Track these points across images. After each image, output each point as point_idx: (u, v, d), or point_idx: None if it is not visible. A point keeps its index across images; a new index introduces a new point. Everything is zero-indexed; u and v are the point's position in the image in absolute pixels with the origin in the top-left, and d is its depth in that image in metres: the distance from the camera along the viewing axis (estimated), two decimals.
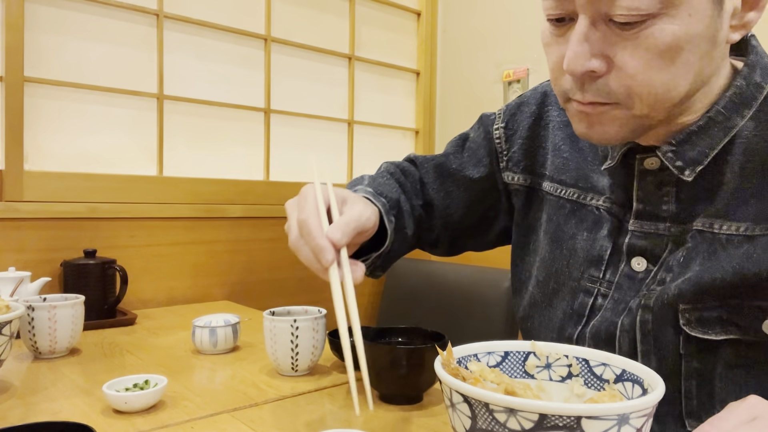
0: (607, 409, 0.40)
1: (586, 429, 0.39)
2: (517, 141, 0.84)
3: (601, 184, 0.73)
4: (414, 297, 1.85)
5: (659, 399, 0.43)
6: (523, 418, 0.40)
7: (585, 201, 0.74)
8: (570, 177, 0.76)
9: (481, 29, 2.08)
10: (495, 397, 0.41)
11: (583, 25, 0.56)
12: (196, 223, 1.62)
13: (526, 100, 0.85)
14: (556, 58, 0.61)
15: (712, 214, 0.63)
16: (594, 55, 0.56)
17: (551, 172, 0.79)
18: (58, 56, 1.44)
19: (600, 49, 0.56)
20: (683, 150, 0.62)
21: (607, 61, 0.57)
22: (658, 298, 0.63)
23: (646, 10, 0.53)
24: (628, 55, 0.55)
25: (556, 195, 0.78)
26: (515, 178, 0.84)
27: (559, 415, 0.39)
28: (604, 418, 0.39)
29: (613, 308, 0.68)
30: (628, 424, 0.40)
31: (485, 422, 0.42)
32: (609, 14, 0.54)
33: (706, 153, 0.62)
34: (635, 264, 0.68)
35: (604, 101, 0.58)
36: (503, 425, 0.41)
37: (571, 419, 0.39)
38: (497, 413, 0.41)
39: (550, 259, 0.77)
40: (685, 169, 0.62)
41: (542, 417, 0.39)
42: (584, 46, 0.56)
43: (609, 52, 0.56)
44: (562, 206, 0.76)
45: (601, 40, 0.56)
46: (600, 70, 0.57)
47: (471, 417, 0.43)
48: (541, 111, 0.83)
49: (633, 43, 0.55)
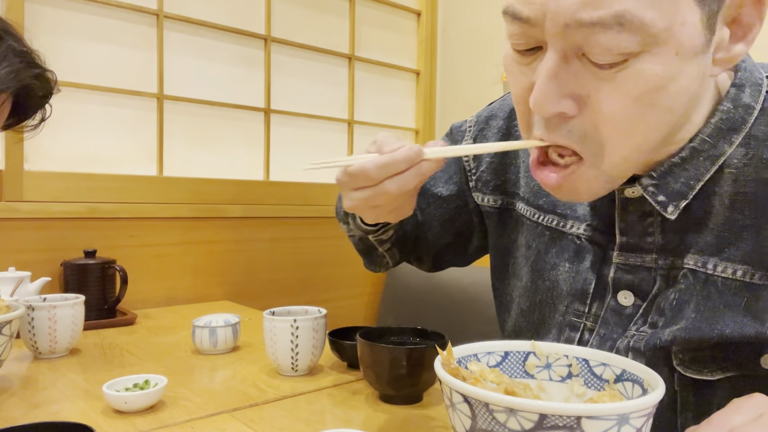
0: (607, 409, 0.40)
1: (586, 429, 0.39)
2: (485, 159, 0.79)
3: (580, 211, 0.67)
4: (414, 297, 1.85)
5: (659, 399, 0.42)
6: (524, 418, 0.40)
7: (564, 229, 0.68)
8: (547, 202, 0.71)
9: (481, 29, 2.08)
10: (495, 397, 0.41)
11: (552, 60, 0.49)
12: (196, 223, 1.62)
13: (495, 113, 0.80)
14: (519, 89, 0.54)
15: (703, 250, 0.57)
16: (564, 95, 0.50)
17: (526, 195, 0.74)
18: (58, 56, 1.44)
19: (571, 89, 0.50)
20: (665, 183, 0.57)
21: (578, 102, 0.50)
22: (649, 342, 0.59)
23: (627, 49, 0.46)
24: (603, 97, 0.49)
25: (534, 220, 0.72)
26: (486, 200, 0.79)
27: (559, 415, 0.39)
28: (604, 418, 0.40)
29: (599, 345, 0.64)
30: (628, 424, 0.40)
31: (485, 422, 0.42)
32: (585, 51, 0.48)
33: (691, 185, 0.57)
34: (622, 298, 0.63)
35: (571, 146, 0.52)
36: (503, 425, 0.41)
37: (571, 419, 0.39)
38: (497, 413, 0.41)
39: (532, 289, 0.72)
40: (668, 204, 0.57)
41: (542, 417, 0.39)
42: (553, 84, 0.49)
43: (581, 91, 0.49)
44: (541, 233, 0.71)
45: (573, 78, 0.49)
46: (570, 111, 0.50)
47: (471, 417, 0.43)
48: (510, 126, 0.77)
49: (610, 85, 0.48)
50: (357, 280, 2.00)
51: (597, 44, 0.46)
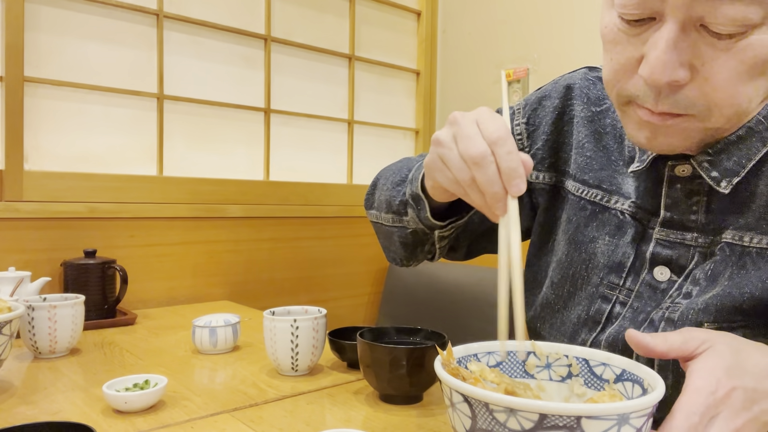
0: (607, 409, 0.40)
1: (586, 429, 0.40)
2: (541, 137, 0.79)
3: (626, 187, 0.69)
4: (414, 297, 1.85)
5: (659, 399, 0.42)
6: (524, 417, 0.40)
7: (608, 204, 0.70)
8: (593, 177, 0.72)
9: (481, 29, 2.08)
10: (495, 396, 0.41)
11: (672, 31, 0.50)
12: (196, 223, 1.62)
13: (547, 93, 0.80)
14: (625, 59, 0.55)
15: (743, 227, 0.60)
16: (681, 64, 0.51)
17: (574, 171, 0.75)
18: (58, 56, 1.44)
19: (688, 58, 0.51)
20: (720, 160, 0.59)
21: (692, 71, 0.52)
22: (683, 313, 0.60)
23: (751, 20, 0.47)
24: (717, 66, 0.50)
25: (578, 195, 0.74)
26: (540, 177, 0.79)
27: (559, 415, 0.39)
28: (604, 418, 0.40)
29: (631, 317, 0.65)
30: (628, 424, 0.40)
31: (485, 422, 0.42)
32: (706, 22, 0.49)
33: (743, 164, 0.59)
34: (658, 273, 0.65)
35: (680, 113, 0.54)
36: (503, 425, 0.41)
37: (571, 419, 0.39)
38: (497, 413, 0.41)
39: (567, 261, 0.73)
40: (722, 180, 0.59)
41: (542, 417, 0.40)
42: (673, 53, 0.50)
43: (696, 61, 0.51)
44: (584, 207, 0.73)
45: (691, 49, 0.51)
46: (685, 80, 0.52)
47: (471, 417, 0.43)
48: (564, 105, 0.78)
49: (726, 54, 0.50)
50: (357, 280, 2.00)
51: (723, 15, 0.47)
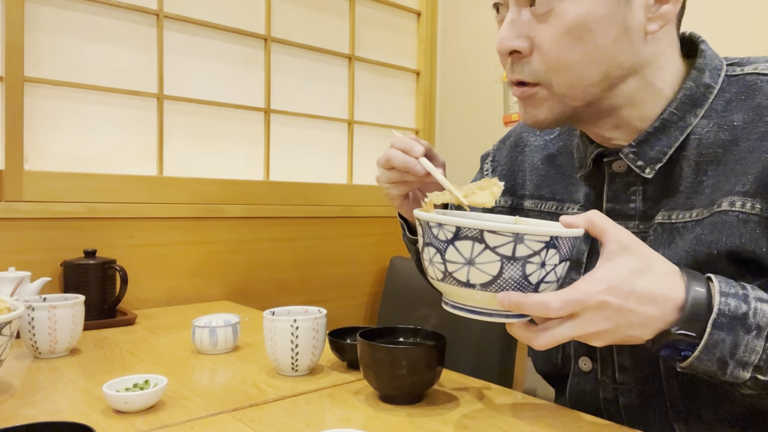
0: (505, 227, 0.53)
1: (488, 240, 0.54)
2: (498, 169, 0.93)
3: (577, 194, 0.79)
4: (414, 297, 1.85)
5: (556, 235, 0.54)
6: (447, 230, 0.56)
7: (562, 211, 0.81)
8: (548, 192, 0.84)
9: (481, 29, 2.08)
10: (428, 216, 0.57)
11: (512, 13, 0.66)
12: (196, 223, 1.62)
13: (510, 133, 0.95)
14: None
15: (672, 207, 0.69)
16: (518, 36, 0.66)
17: (531, 190, 0.87)
18: (58, 56, 1.44)
19: (524, 31, 0.65)
20: (644, 150, 0.69)
21: (529, 43, 0.65)
22: None
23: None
24: (542, 35, 0.64)
25: (537, 210, 0.85)
26: (500, 201, 0.91)
27: (468, 227, 0.54)
28: (502, 234, 0.53)
29: None
30: (524, 244, 0.53)
31: (427, 237, 0.58)
32: (532, 3, 0.64)
33: (664, 151, 0.68)
34: None
35: (529, 80, 0.67)
36: (436, 237, 0.57)
37: (476, 231, 0.54)
38: (433, 228, 0.57)
39: None
40: (646, 167, 0.69)
41: (458, 229, 0.55)
42: (511, 29, 0.66)
43: (530, 33, 0.65)
44: (543, 218, 0.82)
45: (525, 24, 0.65)
46: (523, 49, 0.66)
47: (422, 235, 0.60)
48: (518, 139, 0.92)
49: (546, 24, 0.64)
50: (357, 280, 2.00)
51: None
